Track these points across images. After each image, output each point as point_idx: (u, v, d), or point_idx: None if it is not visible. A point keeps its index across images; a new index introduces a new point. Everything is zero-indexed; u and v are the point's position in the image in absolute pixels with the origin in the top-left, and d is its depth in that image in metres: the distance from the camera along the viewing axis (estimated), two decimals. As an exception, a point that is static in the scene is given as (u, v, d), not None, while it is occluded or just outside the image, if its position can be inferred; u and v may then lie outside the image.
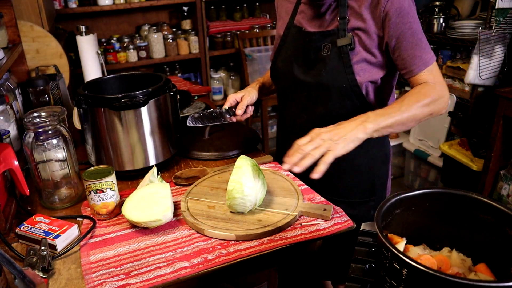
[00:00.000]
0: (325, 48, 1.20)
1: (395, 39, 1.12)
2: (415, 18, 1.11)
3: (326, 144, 0.97)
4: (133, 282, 0.86)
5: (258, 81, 1.49)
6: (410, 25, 1.10)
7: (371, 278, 0.77)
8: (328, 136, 0.98)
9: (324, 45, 1.20)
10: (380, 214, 0.76)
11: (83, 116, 1.25)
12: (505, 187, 2.35)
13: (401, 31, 1.11)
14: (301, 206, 1.08)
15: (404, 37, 1.11)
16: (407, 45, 1.12)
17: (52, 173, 1.18)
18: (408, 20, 1.10)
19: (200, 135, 1.52)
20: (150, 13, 3.58)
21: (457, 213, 0.82)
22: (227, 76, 3.75)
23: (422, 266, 0.63)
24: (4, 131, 1.38)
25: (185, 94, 1.88)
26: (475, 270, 0.76)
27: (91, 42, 2.35)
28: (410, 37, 1.11)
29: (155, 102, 1.25)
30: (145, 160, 1.29)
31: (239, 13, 3.71)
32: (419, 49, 1.12)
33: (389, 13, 1.10)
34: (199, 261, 0.93)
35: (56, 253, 0.97)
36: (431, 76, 1.12)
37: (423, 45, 1.12)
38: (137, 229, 1.05)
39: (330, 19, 1.21)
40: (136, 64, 3.34)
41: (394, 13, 1.09)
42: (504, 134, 2.27)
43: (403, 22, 1.10)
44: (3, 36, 1.66)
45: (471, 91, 2.55)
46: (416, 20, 1.12)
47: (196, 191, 1.18)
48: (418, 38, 1.12)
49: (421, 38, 1.12)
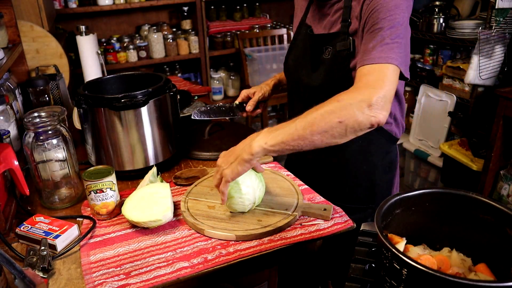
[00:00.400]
0: (327, 51, 1.18)
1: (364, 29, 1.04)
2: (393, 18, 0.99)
3: (219, 174, 0.99)
4: (133, 282, 0.86)
5: (275, 77, 1.49)
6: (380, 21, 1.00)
7: (371, 278, 0.77)
8: (220, 163, 1.00)
9: (326, 48, 1.18)
10: (380, 214, 0.76)
11: (83, 116, 1.25)
12: (505, 187, 2.35)
13: (370, 23, 1.02)
14: (301, 206, 1.08)
15: (371, 29, 1.02)
16: (367, 38, 1.02)
17: (52, 173, 1.18)
18: (382, 16, 1.00)
19: (200, 135, 1.52)
20: (150, 13, 3.58)
21: (457, 213, 0.82)
22: (227, 76, 3.75)
23: (422, 266, 0.63)
24: (4, 131, 1.38)
25: (185, 94, 1.88)
26: (475, 270, 0.76)
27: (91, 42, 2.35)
28: (374, 33, 1.01)
29: (155, 102, 1.25)
30: (145, 160, 1.29)
31: (239, 13, 3.71)
32: (375, 44, 0.99)
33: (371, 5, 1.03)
34: (199, 261, 0.93)
35: (56, 253, 0.97)
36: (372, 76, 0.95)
37: (383, 43, 0.98)
38: (137, 229, 1.05)
39: (334, 21, 1.17)
40: (136, 64, 3.34)
41: (375, 5, 1.02)
42: (504, 134, 2.27)
43: (377, 16, 1.01)
44: (3, 36, 1.66)
45: (471, 91, 2.55)
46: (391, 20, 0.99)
47: (196, 191, 1.18)
48: (380, 35, 0.99)
49: (384, 36, 0.98)
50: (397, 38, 0.98)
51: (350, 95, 0.91)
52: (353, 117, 0.88)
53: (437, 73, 2.92)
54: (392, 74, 0.95)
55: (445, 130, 2.80)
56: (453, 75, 2.71)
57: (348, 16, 1.11)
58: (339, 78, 1.15)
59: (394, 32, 0.99)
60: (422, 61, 3.08)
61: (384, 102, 0.91)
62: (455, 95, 2.70)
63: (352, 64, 1.13)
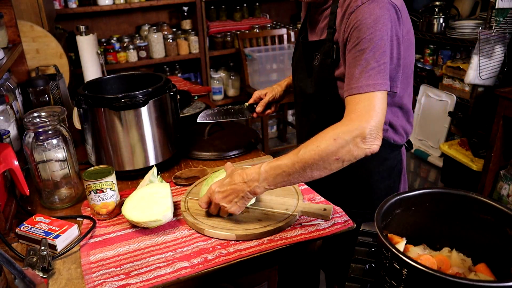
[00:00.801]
0: (316, 58, 1.18)
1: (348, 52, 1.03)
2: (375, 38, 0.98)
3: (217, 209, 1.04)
4: (133, 282, 0.86)
5: (289, 77, 1.50)
6: (362, 42, 0.98)
7: (371, 278, 0.77)
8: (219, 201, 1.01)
9: (316, 55, 1.18)
10: (380, 214, 0.76)
11: (83, 116, 1.25)
12: (505, 187, 2.35)
13: (352, 45, 1.01)
14: (301, 206, 1.08)
15: (354, 52, 1.00)
16: (351, 61, 1.01)
17: (52, 173, 1.18)
18: (363, 36, 0.98)
19: (200, 135, 1.52)
20: (150, 13, 3.58)
21: (457, 213, 0.82)
22: (227, 76, 3.75)
23: (422, 266, 0.63)
24: (4, 131, 1.38)
25: (185, 94, 1.88)
26: (475, 270, 0.76)
27: (91, 42, 2.35)
28: (358, 53, 0.99)
29: (155, 102, 1.25)
30: (145, 160, 1.29)
31: (239, 13, 3.71)
32: (361, 70, 0.99)
33: (350, 24, 1.01)
34: (199, 261, 0.93)
35: (56, 253, 0.97)
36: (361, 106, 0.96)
37: (368, 68, 0.98)
38: (137, 229, 1.05)
39: (322, 28, 1.16)
40: (136, 64, 3.34)
41: (353, 24, 1.00)
42: (504, 134, 2.27)
43: (358, 36, 0.99)
44: (3, 36, 1.66)
45: (471, 91, 2.55)
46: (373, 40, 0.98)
47: (196, 191, 1.18)
48: (364, 58, 0.98)
49: (368, 60, 0.98)
50: (381, 57, 0.98)
51: (345, 131, 0.93)
52: (349, 153, 0.93)
53: (437, 73, 2.92)
54: (380, 101, 0.97)
55: (445, 130, 2.81)
56: (453, 75, 2.71)
57: (333, 23, 1.10)
58: (326, 86, 1.16)
59: (378, 51, 0.98)
60: (422, 61, 3.08)
61: (376, 132, 0.95)
62: (455, 95, 2.70)
63: (336, 73, 1.11)
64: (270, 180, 0.96)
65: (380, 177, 1.27)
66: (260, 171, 0.97)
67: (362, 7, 0.99)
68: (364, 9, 0.99)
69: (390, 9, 1.00)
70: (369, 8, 0.99)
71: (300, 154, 0.93)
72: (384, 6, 0.99)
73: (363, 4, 1.00)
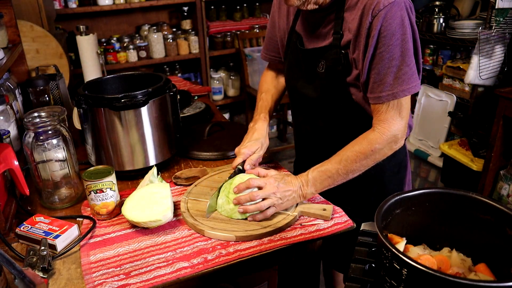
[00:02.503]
0: (320, 65, 1.14)
1: (371, 57, 1.03)
2: (402, 42, 1.00)
3: (273, 200, 1.04)
4: (133, 282, 0.86)
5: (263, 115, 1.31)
6: (391, 48, 1.00)
7: (371, 278, 0.77)
8: (279, 195, 1.04)
9: (319, 61, 1.14)
10: (380, 214, 0.76)
11: (83, 116, 1.25)
12: (505, 187, 2.35)
13: (379, 51, 1.02)
14: (301, 206, 1.08)
15: (381, 59, 1.02)
16: (381, 69, 1.03)
17: (52, 173, 1.18)
18: (390, 42, 1.00)
19: (200, 135, 1.52)
20: (150, 13, 3.58)
21: (457, 213, 0.82)
22: (227, 76, 3.75)
23: (422, 266, 0.63)
24: (4, 131, 1.38)
25: (185, 94, 1.88)
26: (475, 270, 0.76)
27: (91, 42, 2.35)
28: (387, 61, 1.01)
29: (155, 102, 1.25)
30: (145, 160, 1.29)
31: (239, 13, 3.71)
32: (393, 76, 1.02)
33: (373, 28, 1.01)
34: (199, 261, 0.92)
35: (56, 253, 0.97)
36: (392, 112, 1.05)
37: (400, 73, 1.02)
38: (137, 229, 1.05)
39: (326, 33, 1.13)
40: (136, 64, 3.34)
41: (378, 30, 1.00)
42: (504, 134, 2.27)
43: (384, 44, 1.00)
44: (3, 36, 1.66)
45: (471, 91, 2.55)
46: (401, 45, 1.00)
47: (196, 191, 1.18)
48: (395, 65, 1.01)
49: (399, 65, 1.01)
50: (410, 60, 1.02)
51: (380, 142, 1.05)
52: (384, 155, 1.08)
53: (437, 73, 2.92)
54: (408, 102, 1.07)
55: (445, 130, 2.81)
56: (453, 75, 2.71)
57: (340, 28, 1.08)
58: (335, 92, 1.14)
59: (406, 55, 1.02)
60: (422, 61, 3.08)
61: (404, 132, 1.08)
62: (455, 95, 2.70)
63: (349, 79, 1.11)
64: (318, 186, 1.07)
65: (391, 173, 1.28)
66: (308, 178, 1.07)
67: (385, 10, 0.99)
68: (387, 13, 0.99)
69: (408, 10, 1.02)
70: (391, 12, 0.99)
71: (343, 162, 1.06)
72: (402, 7, 1.01)
73: (385, 7, 0.99)
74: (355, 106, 1.14)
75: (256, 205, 1.03)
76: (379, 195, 1.28)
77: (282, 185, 1.06)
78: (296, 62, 1.23)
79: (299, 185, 1.06)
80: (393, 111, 1.05)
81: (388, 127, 1.05)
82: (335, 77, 1.12)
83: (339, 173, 1.06)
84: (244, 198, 1.03)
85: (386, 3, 0.99)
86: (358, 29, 1.04)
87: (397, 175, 1.30)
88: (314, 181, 1.06)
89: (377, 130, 1.06)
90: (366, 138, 1.06)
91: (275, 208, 1.04)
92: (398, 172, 1.30)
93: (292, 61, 1.25)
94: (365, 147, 1.05)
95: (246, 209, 1.03)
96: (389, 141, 1.05)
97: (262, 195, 1.03)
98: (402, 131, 1.07)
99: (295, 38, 1.23)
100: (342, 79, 1.11)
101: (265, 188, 1.04)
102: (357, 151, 1.05)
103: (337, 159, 1.06)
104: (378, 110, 1.07)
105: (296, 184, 1.06)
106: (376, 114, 1.08)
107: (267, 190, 1.04)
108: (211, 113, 1.83)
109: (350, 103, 1.14)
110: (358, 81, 1.10)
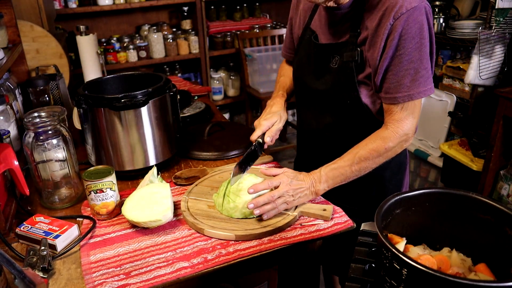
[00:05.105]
0: (334, 60, 1.16)
1: (390, 59, 1.05)
2: (421, 45, 1.03)
3: (286, 198, 1.05)
4: (133, 282, 0.86)
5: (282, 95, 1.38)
6: (410, 51, 1.03)
7: (371, 278, 0.77)
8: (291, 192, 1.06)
9: (334, 57, 1.16)
10: (380, 214, 0.76)
11: (83, 116, 1.25)
12: (505, 187, 2.35)
13: (398, 54, 1.04)
14: (301, 206, 1.08)
15: (400, 61, 1.04)
16: (399, 70, 1.05)
17: (52, 173, 1.18)
18: (410, 45, 1.02)
19: (200, 135, 1.52)
20: (150, 13, 3.58)
21: (457, 213, 0.82)
22: (227, 76, 3.76)
23: (422, 266, 0.63)
24: (4, 131, 1.38)
25: (185, 94, 1.88)
26: (475, 270, 0.76)
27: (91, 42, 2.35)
28: (406, 63, 1.04)
29: (155, 102, 1.25)
30: (145, 160, 1.29)
31: (239, 13, 3.71)
32: (411, 79, 1.05)
33: (394, 30, 1.02)
34: (199, 261, 0.93)
35: (56, 253, 0.97)
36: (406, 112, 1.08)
37: (418, 76, 1.05)
38: (137, 229, 1.05)
39: (343, 30, 1.14)
40: (136, 64, 3.34)
41: (399, 33, 1.02)
42: (504, 134, 2.27)
43: (404, 46, 1.03)
44: (3, 36, 1.66)
45: (471, 91, 2.55)
46: (419, 48, 1.03)
47: (196, 191, 1.18)
48: (413, 67, 1.04)
49: (417, 68, 1.04)
50: (427, 63, 1.05)
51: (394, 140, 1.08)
52: (395, 153, 1.11)
53: (437, 73, 2.91)
54: (421, 103, 1.11)
55: (445, 130, 2.80)
56: (453, 75, 2.71)
57: (358, 26, 1.10)
58: (346, 87, 1.14)
59: (424, 58, 1.04)
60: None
61: (415, 130, 1.11)
62: (455, 95, 2.70)
63: (360, 77, 1.12)
64: (330, 182, 1.09)
65: (392, 173, 1.29)
66: (321, 174, 1.09)
67: (407, 14, 1.01)
68: (409, 17, 1.01)
69: (427, 14, 1.04)
70: (413, 16, 1.01)
71: (356, 159, 1.08)
72: (423, 12, 1.02)
73: (407, 11, 1.01)
74: (361, 106, 1.15)
75: (271, 205, 1.03)
76: (379, 195, 1.28)
77: (295, 182, 1.07)
78: (307, 57, 1.25)
79: (312, 182, 1.08)
80: (407, 112, 1.08)
81: (401, 126, 1.08)
82: (348, 73, 1.13)
83: (352, 170, 1.08)
84: (263, 199, 1.03)
85: (409, 7, 1.01)
86: (376, 29, 1.06)
87: (396, 175, 1.31)
88: (326, 177, 1.08)
89: (390, 128, 1.09)
90: (379, 136, 1.09)
91: (287, 205, 1.05)
92: (398, 172, 1.31)
93: (303, 56, 1.27)
94: (378, 144, 1.08)
95: (263, 210, 1.02)
96: (401, 139, 1.09)
97: (277, 194, 1.04)
98: (413, 130, 1.10)
99: (309, 34, 1.25)
100: (355, 76, 1.12)
101: (280, 187, 1.05)
102: (370, 148, 1.08)
103: (349, 156, 1.09)
104: (391, 110, 1.09)
105: (309, 181, 1.08)
106: (389, 114, 1.10)
107: (282, 188, 1.05)
108: (211, 113, 1.83)
109: (357, 102, 1.15)
110: (369, 80, 1.12)
